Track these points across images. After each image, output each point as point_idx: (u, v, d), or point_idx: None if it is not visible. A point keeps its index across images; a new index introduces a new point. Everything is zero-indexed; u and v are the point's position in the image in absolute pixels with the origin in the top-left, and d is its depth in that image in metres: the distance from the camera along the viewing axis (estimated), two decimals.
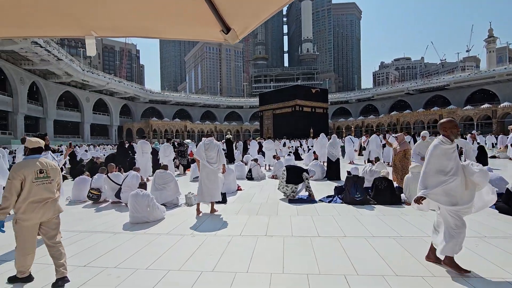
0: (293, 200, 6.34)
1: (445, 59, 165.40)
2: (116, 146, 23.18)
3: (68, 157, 13.94)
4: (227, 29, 1.30)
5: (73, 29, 1.40)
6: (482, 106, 47.87)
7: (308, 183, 6.50)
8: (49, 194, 2.84)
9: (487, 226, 4.32)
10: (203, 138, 5.90)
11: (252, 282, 2.81)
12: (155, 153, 11.24)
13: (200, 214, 5.38)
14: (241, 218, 5.13)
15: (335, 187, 6.68)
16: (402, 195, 5.96)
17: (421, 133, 7.40)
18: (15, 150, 16.37)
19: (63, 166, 12.18)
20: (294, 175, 6.57)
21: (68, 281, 2.78)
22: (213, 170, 5.44)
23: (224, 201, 6.34)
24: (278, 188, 6.76)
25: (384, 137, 9.32)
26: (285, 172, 6.67)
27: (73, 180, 9.44)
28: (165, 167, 6.74)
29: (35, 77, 41.40)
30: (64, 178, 11.06)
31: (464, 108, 50.34)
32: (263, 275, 2.92)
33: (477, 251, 3.38)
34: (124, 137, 57.49)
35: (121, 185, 6.41)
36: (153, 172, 9.49)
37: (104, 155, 17.86)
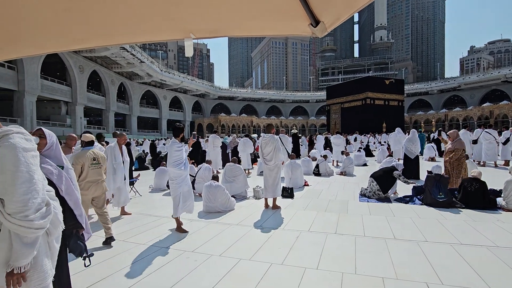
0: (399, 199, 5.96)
1: None
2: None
3: (148, 150, 15.64)
4: (316, 22, 1.27)
5: (174, 33, 1.54)
6: None
7: (403, 178, 6.02)
8: (99, 176, 3.86)
9: None
10: (262, 134, 5.93)
11: (323, 279, 2.77)
12: (224, 147, 11.82)
13: (268, 208, 5.48)
14: (309, 213, 5.07)
15: (414, 186, 6.06)
16: (499, 199, 5.14)
17: None
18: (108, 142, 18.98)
19: (145, 158, 13.72)
20: (385, 181, 6.05)
21: (114, 239, 3.78)
22: (270, 167, 5.39)
23: (291, 195, 6.36)
24: (364, 195, 6.32)
25: (439, 134, 8.05)
26: (374, 183, 6.12)
27: (154, 170, 10.56)
28: (234, 160, 7.04)
29: (123, 78, 47.42)
30: (146, 168, 12.45)
31: None
32: (334, 274, 2.84)
33: None
34: (196, 132, 61.95)
35: (195, 176, 6.93)
36: (223, 165, 9.97)
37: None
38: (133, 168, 9.40)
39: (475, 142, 11.52)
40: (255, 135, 23.82)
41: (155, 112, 58.29)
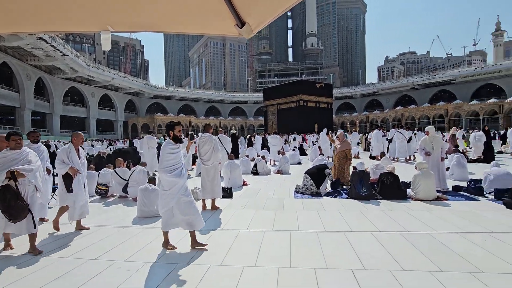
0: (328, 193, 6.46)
1: (451, 53, 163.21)
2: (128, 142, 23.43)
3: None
4: (241, 23, 1.30)
5: (89, 24, 1.41)
6: (488, 101, 47.34)
7: (331, 176, 6.66)
8: None
9: (495, 221, 4.30)
10: (199, 134, 5.86)
11: (260, 275, 2.85)
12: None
13: (206, 209, 5.42)
14: (247, 212, 5.16)
15: (332, 182, 6.75)
16: (409, 190, 5.95)
17: (426, 128, 7.24)
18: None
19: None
20: (318, 177, 6.55)
21: None
22: (208, 168, 5.33)
23: (230, 195, 6.39)
24: (299, 191, 6.71)
25: (327, 134, 9.16)
26: (308, 179, 6.58)
27: None
28: None
29: (41, 72, 41.75)
30: None
31: (470, 103, 49.72)
32: (271, 269, 2.95)
33: (485, 247, 3.37)
34: (130, 132, 57.92)
35: (127, 180, 6.48)
36: None
37: (110, 150, 17.98)
38: (55, 174, 8.36)
39: (390, 140, 13.12)
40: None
41: (82, 111, 52.77)
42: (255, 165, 10.05)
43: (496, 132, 29.30)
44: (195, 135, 4.92)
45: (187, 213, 3.42)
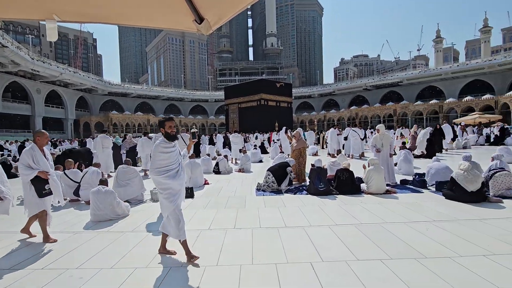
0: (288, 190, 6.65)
1: (399, 57, 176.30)
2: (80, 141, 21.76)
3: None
4: (200, 19, 1.28)
5: (32, 12, 1.28)
6: (430, 102, 51.93)
7: (293, 174, 6.90)
8: None
9: (435, 211, 4.75)
10: (151, 134, 5.71)
11: (223, 274, 2.85)
12: (116, 147, 10.73)
13: None
14: (209, 212, 5.12)
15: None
16: (362, 185, 6.33)
17: (376, 127, 7.71)
18: None
19: (10, 163, 11.17)
20: (280, 174, 6.74)
21: None
22: None
23: (191, 195, 6.28)
24: (260, 189, 6.80)
25: (286, 132, 9.65)
26: (270, 175, 6.72)
27: None
28: (128, 162, 6.49)
29: None
30: (14, 176, 10.14)
31: (415, 103, 54.16)
32: (233, 267, 2.97)
33: (427, 234, 3.72)
34: (81, 132, 54.03)
35: (79, 182, 6.06)
36: (115, 167, 9.06)
37: (60, 150, 16.62)
38: None
39: (345, 138, 13.82)
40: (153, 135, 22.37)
41: (26, 108, 47.80)
42: (216, 164, 9.98)
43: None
44: (197, 133, 4.64)
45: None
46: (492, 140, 18.21)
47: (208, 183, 7.90)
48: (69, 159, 6.83)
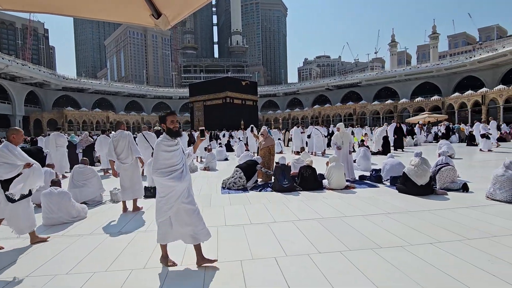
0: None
1: (358, 59, 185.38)
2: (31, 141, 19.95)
3: None
4: (157, 14, 1.25)
5: None
6: (386, 102, 55.33)
7: (265, 170, 7.12)
8: None
9: (390, 204, 5.10)
10: (112, 132, 5.52)
11: (187, 274, 2.82)
12: (71, 146, 10.07)
13: (127, 211, 5.07)
14: None
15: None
16: (324, 181, 6.58)
17: (337, 125, 8.06)
18: None
19: None
20: (248, 170, 6.83)
21: None
22: (126, 166, 5.05)
23: (154, 195, 6.08)
24: (226, 187, 6.80)
25: (252, 130, 9.88)
26: (238, 172, 6.77)
27: None
28: (85, 162, 6.12)
29: None
30: None
31: (373, 103, 57.37)
32: (198, 267, 2.94)
33: (382, 226, 3.98)
34: (32, 129, 49.79)
35: None
36: (71, 167, 8.51)
37: None
38: None
39: (309, 136, 14.25)
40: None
41: None
42: None
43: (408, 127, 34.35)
44: (206, 131, 4.42)
45: (189, 224, 2.88)
46: (439, 137, 19.87)
47: None
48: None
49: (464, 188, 5.78)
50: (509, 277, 2.52)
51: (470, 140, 16.93)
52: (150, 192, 6.03)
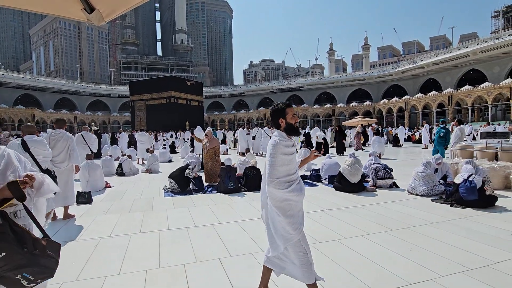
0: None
1: (300, 65, 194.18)
2: None
3: None
4: (90, 8, 1.17)
5: None
6: (325, 106, 59.24)
7: (192, 173, 6.75)
8: None
9: (327, 201, 5.47)
10: (48, 130, 4.99)
11: (126, 283, 2.67)
12: None
13: (57, 219, 4.60)
14: (110, 217, 4.68)
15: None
16: None
17: None
18: None
19: None
20: (181, 179, 6.48)
21: None
22: (61, 171, 4.58)
23: (88, 200, 5.61)
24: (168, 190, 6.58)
25: (192, 133, 9.90)
26: (172, 182, 6.50)
27: None
28: None
29: None
30: None
31: (313, 106, 60.93)
32: (137, 274, 2.81)
33: (320, 222, 4.26)
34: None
35: None
36: None
37: None
38: None
39: (253, 138, 14.53)
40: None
41: None
42: (120, 165, 9.17)
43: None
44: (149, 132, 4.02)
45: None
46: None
47: (109, 186, 7.20)
48: None
49: (394, 185, 6.48)
50: (425, 262, 2.91)
51: (395, 141, 19.00)
52: (84, 198, 5.55)
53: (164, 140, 20.80)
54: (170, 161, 12.77)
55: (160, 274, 2.80)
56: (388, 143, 20.91)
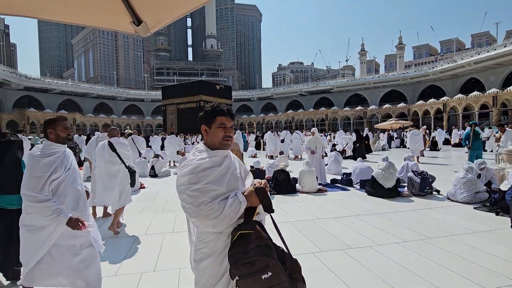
0: None
1: (330, 66, 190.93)
2: None
3: None
4: (138, 21, 1.25)
5: None
6: (356, 108, 57.55)
7: None
8: None
9: (359, 206, 5.31)
10: (96, 133, 5.33)
11: (160, 279, 2.78)
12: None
13: (96, 217, 4.88)
14: (145, 216, 4.89)
15: None
16: (297, 185, 6.72)
17: (311, 130, 8.30)
18: None
19: None
20: None
21: None
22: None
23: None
24: None
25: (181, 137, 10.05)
26: None
27: None
28: None
29: None
30: None
31: (344, 109, 59.48)
32: (172, 271, 2.91)
33: (352, 227, 4.15)
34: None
35: None
36: None
37: None
38: None
39: (282, 141, 14.48)
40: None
41: None
42: (152, 167, 9.55)
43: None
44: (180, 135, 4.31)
45: None
46: (405, 143, 21.01)
47: (144, 187, 7.52)
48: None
49: (436, 191, 6.12)
50: (466, 273, 2.73)
51: (433, 145, 18.01)
52: None
53: (194, 142, 21.35)
54: None
55: (193, 274, 2.86)
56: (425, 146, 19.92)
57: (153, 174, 9.40)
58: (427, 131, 14.08)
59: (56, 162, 2.02)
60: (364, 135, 14.42)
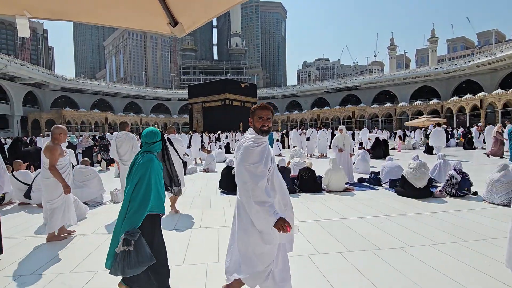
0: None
1: (357, 62, 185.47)
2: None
3: None
4: (174, 22, 1.29)
5: (3, 7, 1.20)
6: (385, 105, 55.55)
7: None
8: None
9: (388, 206, 5.15)
10: (114, 133, 5.64)
11: (189, 273, 2.86)
12: (71, 147, 10.09)
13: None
14: (173, 212, 5.04)
15: None
16: (322, 184, 6.62)
17: (339, 128, 8.11)
18: None
19: None
20: (227, 179, 6.92)
21: None
22: (126, 168, 5.10)
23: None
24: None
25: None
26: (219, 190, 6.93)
27: None
28: (86, 162, 6.16)
29: None
30: None
31: (372, 106, 57.61)
32: (199, 266, 2.99)
33: (381, 227, 4.03)
34: (30, 129, 49.65)
35: (30, 184, 5.63)
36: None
37: None
38: None
39: (308, 139, 14.31)
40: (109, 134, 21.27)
41: None
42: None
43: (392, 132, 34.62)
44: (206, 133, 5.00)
45: None
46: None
47: None
48: (18, 160, 6.31)
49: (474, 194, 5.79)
50: (505, 278, 2.57)
51: (469, 143, 17.02)
52: None
53: (220, 141, 21.63)
54: (225, 161, 13.24)
55: (220, 268, 2.92)
56: (457, 144, 18.88)
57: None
58: (502, 128, 12.45)
59: None
60: (382, 140, 13.40)
